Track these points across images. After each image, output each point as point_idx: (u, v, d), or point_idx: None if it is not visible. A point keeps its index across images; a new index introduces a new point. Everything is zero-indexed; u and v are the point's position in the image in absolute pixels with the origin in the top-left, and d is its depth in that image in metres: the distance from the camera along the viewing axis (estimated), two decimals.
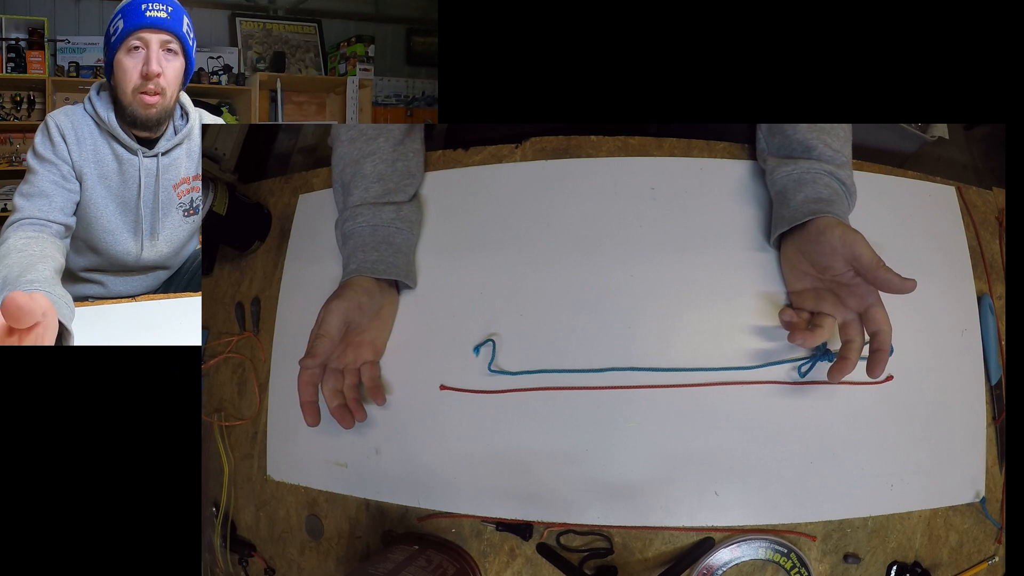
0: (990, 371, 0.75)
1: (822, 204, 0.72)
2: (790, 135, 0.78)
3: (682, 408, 0.72)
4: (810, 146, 0.77)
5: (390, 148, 0.84)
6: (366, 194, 0.82)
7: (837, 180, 0.75)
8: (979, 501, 0.72)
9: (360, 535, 0.79)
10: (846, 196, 0.75)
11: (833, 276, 0.70)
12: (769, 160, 0.79)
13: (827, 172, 0.75)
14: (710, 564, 0.69)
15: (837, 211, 0.72)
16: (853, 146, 0.80)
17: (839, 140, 0.78)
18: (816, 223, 0.71)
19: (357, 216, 0.81)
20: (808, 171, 0.75)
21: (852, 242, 0.68)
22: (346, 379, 0.78)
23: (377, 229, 0.81)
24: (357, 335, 0.79)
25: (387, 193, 0.82)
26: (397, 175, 0.84)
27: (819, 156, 0.76)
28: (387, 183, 0.83)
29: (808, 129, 0.78)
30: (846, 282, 0.69)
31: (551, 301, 0.77)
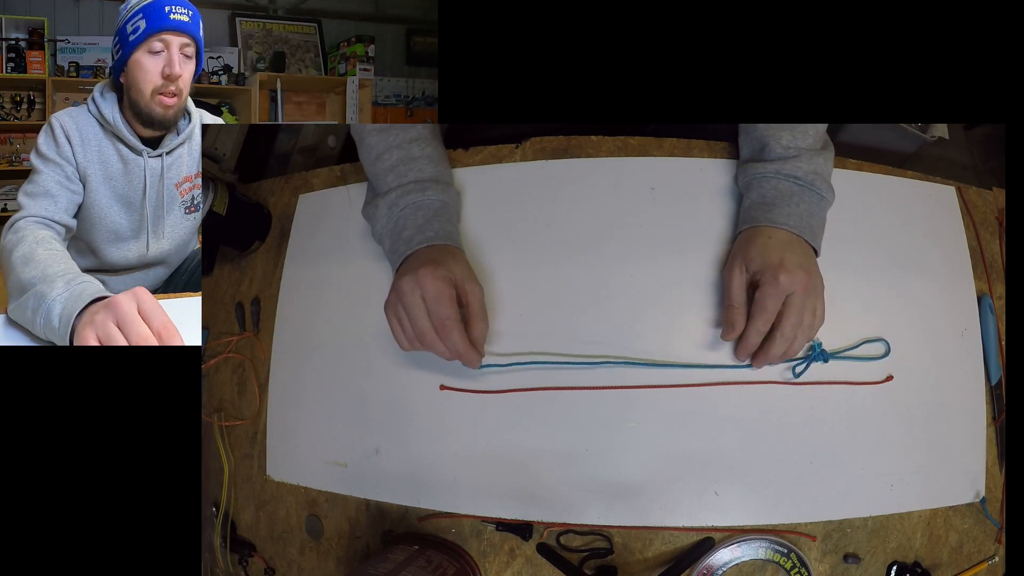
0: (990, 371, 0.75)
1: (761, 210, 0.74)
2: (750, 133, 0.80)
3: (682, 408, 0.72)
4: (763, 144, 0.77)
5: (429, 133, 0.83)
6: (421, 174, 0.80)
7: (787, 177, 0.75)
8: (979, 501, 0.72)
9: (360, 535, 0.79)
10: (804, 189, 0.74)
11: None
12: (737, 169, 0.80)
13: (772, 173, 0.75)
14: (710, 564, 0.69)
15: (779, 213, 0.73)
16: (853, 146, 0.80)
17: (793, 133, 0.77)
18: (745, 233, 0.74)
19: (426, 190, 0.78)
20: (755, 175, 0.76)
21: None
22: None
23: (445, 205, 0.79)
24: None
25: (441, 175, 0.81)
26: (444, 160, 0.83)
27: (767, 155, 0.77)
28: (439, 165, 0.82)
29: (765, 127, 0.78)
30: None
31: (551, 301, 0.77)
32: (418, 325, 0.70)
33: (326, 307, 0.85)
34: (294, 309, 0.88)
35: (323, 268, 0.87)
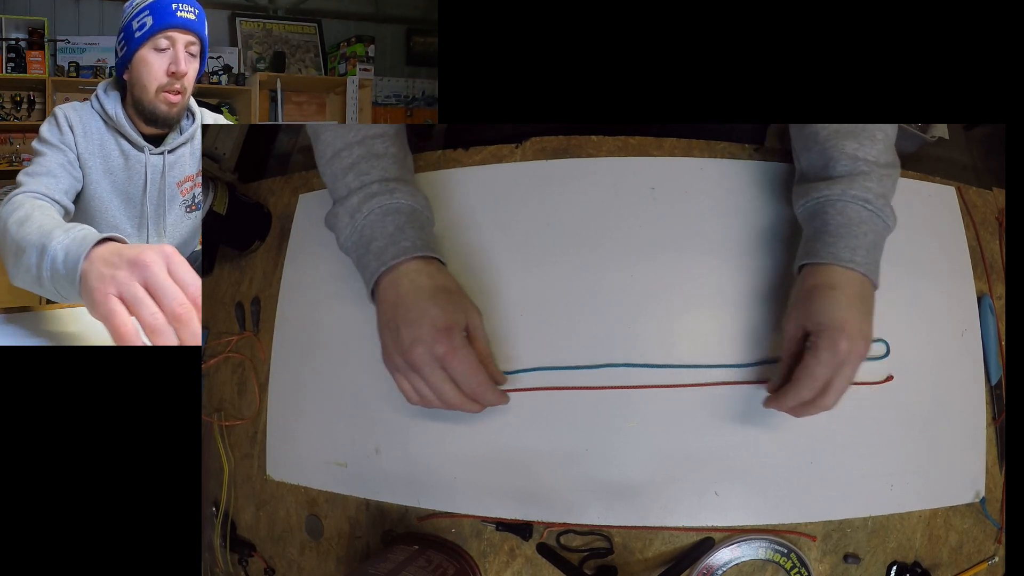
0: (990, 371, 0.75)
1: (824, 242, 0.65)
2: (808, 141, 0.71)
3: (682, 408, 0.72)
4: (829, 158, 0.68)
5: (393, 132, 0.77)
6: (385, 173, 0.71)
7: (855, 200, 0.66)
8: (979, 501, 0.72)
9: (360, 535, 0.79)
10: (874, 216, 0.66)
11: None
12: (795, 187, 0.71)
13: (838, 195, 0.66)
14: (710, 564, 0.69)
15: (845, 247, 0.64)
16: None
17: (859, 140, 0.68)
18: (806, 271, 0.66)
19: (394, 192, 0.69)
20: (819, 199, 0.67)
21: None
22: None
23: (416, 211, 0.70)
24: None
25: (407, 176, 0.74)
26: (410, 163, 0.76)
27: (833, 172, 0.68)
28: (403, 168, 0.74)
29: (828, 135, 0.69)
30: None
31: (551, 301, 0.77)
32: (445, 396, 0.65)
33: (326, 307, 0.85)
34: (294, 309, 0.88)
35: (323, 268, 0.87)
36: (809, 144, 0.71)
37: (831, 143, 0.69)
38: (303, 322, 0.87)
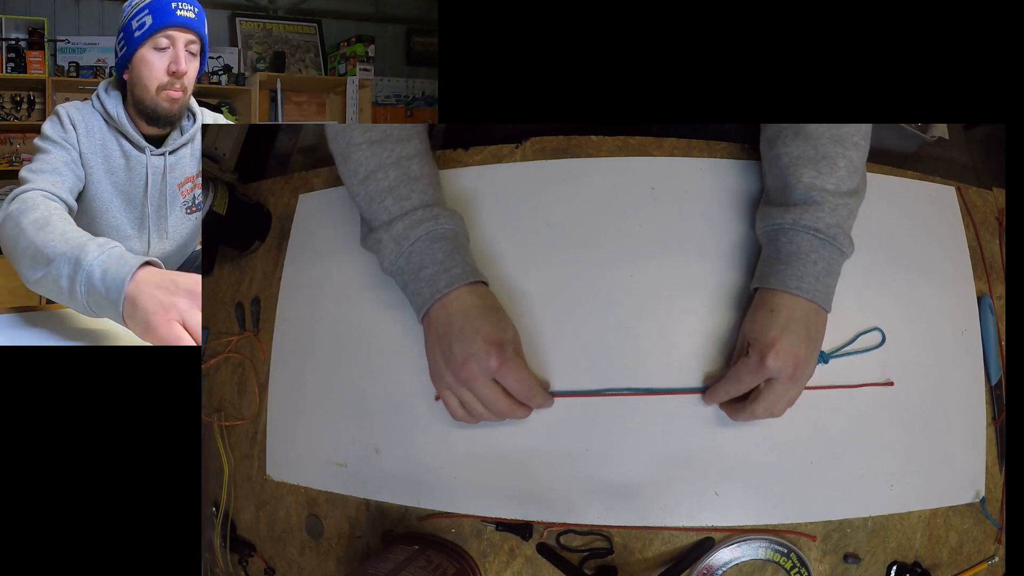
0: (990, 371, 0.75)
1: (774, 268, 0.69)
2: (773, 168, 0.73)
3: (682, 408, 0.72)
4: (786, 185, 0.71)
5: (425, 149, 0.78)
6: (425, 196, 0.74)
7: (806, 229, 0.68)
8: (979, 501, 0.72)
9: (360, 535, 0.79)
10: (825, 244, 0.68)
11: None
12: (759, 209, 0.74)
13: (790, 224, 0.69)
14: (710, 564, 0.69)
15: (792, 275, 0.67)
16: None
17: (818, 169, 0.69)
18: (757, 294, 0.70)
19: (438, 218, 0.72)
20: (772, 226, 0.70)
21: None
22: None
23: (458, 234, 0.74)
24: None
25: (440, 192, 0.76)
26: (437, 173, 0.78)
27: (788, 199, 0.70)
28: (437, 187, 0.76)
29: (789, 161, 0.71)
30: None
31: (550, 301, 0.77)
32: (497, 406, 0.70)
33: (326, 307, 0.85)
34: (294, 309, 0.88)
35: (323, 268, 0.87)
36: (772, 168, 0.74)
37: (790, 171, 0.71)
38: (303, 322, 0.87)
